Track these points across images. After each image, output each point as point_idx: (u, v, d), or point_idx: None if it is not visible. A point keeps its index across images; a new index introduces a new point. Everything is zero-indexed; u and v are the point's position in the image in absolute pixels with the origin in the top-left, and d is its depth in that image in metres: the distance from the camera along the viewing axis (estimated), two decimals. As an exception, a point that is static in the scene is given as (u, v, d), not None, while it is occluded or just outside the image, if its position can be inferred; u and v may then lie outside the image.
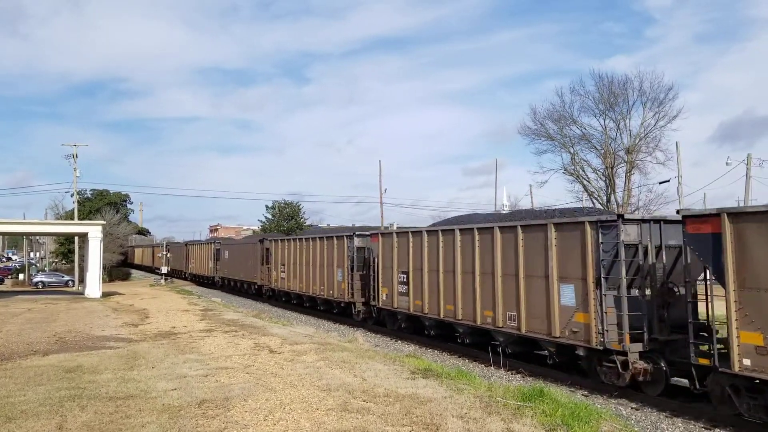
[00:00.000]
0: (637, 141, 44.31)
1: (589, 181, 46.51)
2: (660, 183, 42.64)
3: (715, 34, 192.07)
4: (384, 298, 22.17)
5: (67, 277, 55.01)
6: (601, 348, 13.04)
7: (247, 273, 41.12)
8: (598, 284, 13.10)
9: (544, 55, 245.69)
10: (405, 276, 20.73)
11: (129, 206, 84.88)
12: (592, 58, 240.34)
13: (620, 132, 45.21)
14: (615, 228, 13.00)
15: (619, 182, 45.03)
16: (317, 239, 29.51)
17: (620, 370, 12.75)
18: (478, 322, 16.82)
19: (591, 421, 9.00)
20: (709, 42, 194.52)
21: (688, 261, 11.81)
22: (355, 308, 25.15)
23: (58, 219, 61.51)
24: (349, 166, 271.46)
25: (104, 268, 46.71)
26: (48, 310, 28.21)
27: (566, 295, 13.99)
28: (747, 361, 10.15)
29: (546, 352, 14.97)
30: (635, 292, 13.00)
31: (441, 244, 18.65)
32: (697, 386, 11.45)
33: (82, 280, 46.23)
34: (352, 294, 25.33)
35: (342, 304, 26.52)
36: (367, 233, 25.26)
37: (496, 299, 16.16)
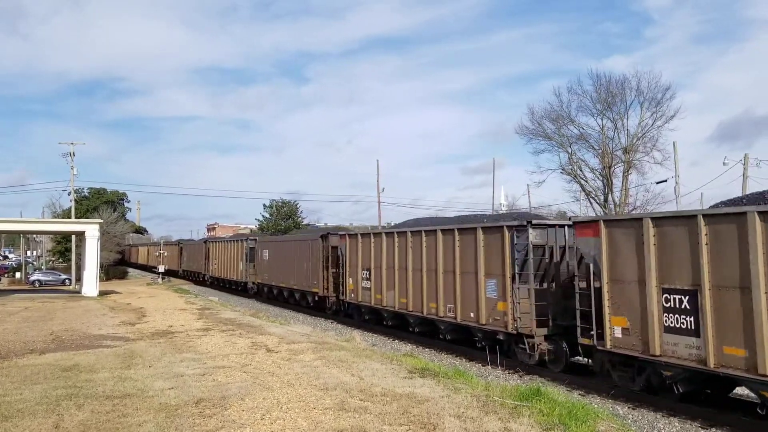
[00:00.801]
0: (634, 141, 44.38)
1: (586, 181, 46.59)
2: (657, 183, 42.75)
3: (713, 35, 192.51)
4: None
5: (63, 276, 54.95)
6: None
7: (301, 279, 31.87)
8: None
9: (543, 55, 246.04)
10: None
11: (126, 205, 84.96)
12: (590, 58, 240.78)
13: (618, 132, 45.29)
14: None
15: (617, 182, 45.11)
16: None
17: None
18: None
19: (588, 420, 9.00)
20: (707, 42, 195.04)
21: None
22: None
23: (56, 217, 61.46)
24: (347, 165, 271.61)
25: (101, 266, 46.64)
26: (45, 308, 28.16)
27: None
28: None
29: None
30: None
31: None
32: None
33: (79, 279, 46.17)
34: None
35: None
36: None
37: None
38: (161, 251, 63.39)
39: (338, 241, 26.17)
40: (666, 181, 41.14)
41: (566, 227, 15.42)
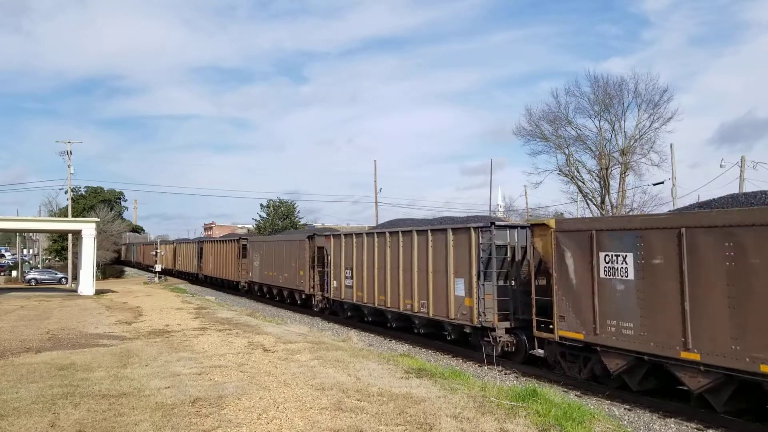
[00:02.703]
0: (631, 142, 44.49)
1: (583, 182, 46.70)
2: (654, 184, 42.95)
3: (710, 37, 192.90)
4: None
5: (60, 275, 54.79)
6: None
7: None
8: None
9: (541, 56, 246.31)
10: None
11: (123, 204, 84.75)
12: (588, 60, 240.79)
13: (615, 133, 45.42)
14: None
15: (614, 183, 45.22)
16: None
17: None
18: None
19: (584, 421, 9.03)
20: (704, 45, 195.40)
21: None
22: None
23: (52, 216, 61.32)
24: (346, 165, 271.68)
25: (98, 265, 46.56)
26: (41, 307, 28.10)
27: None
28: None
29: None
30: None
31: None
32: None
33: (75, 278, 46.08)
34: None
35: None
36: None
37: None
38: (158, 250, 63.22)
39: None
40: (663, 182, 41.34)
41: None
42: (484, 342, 16.52)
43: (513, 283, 16.33)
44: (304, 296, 29.97)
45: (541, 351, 15.30)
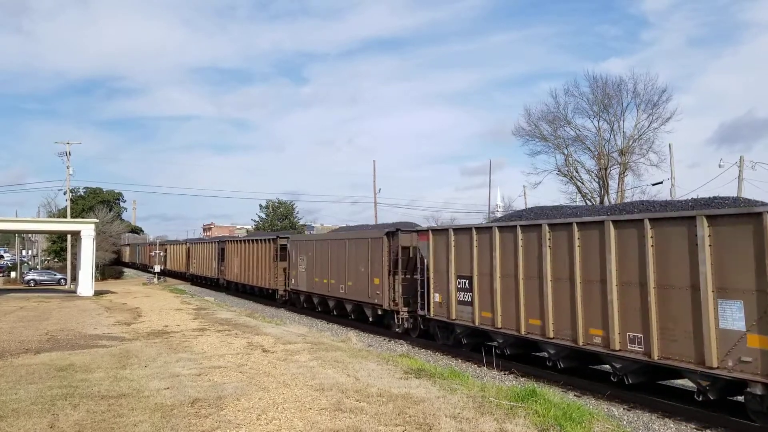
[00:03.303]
0: (630, 143, 44.58)
1: (582, 183, 46.79)
2: (653, 184, 42.98)
3: (709, 38, 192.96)
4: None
5: (59, 276, 54.77)
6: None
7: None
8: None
9: (540, 57, 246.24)
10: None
11: (122, 204, 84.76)
12: (587, 60, 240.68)
13: (614, 134, 45.52)
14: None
15: (613, 183, 45.31)
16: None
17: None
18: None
19: (583, 421, 9.04)
20: (704, 45, 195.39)
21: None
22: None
23: (51, 217, 61.29)
24: (346, 165, 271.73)
25: (97, 266, 46.54)
26: (40, 308, 28.09)
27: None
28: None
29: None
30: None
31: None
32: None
33: (74, 279, 46.05)
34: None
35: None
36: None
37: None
38: (156, 251, 63.21)
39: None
40: (662, 182, 41.45)
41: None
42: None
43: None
44: (380, 312, 22.94)
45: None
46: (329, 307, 27.78)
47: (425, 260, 19.54)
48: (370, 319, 23.84)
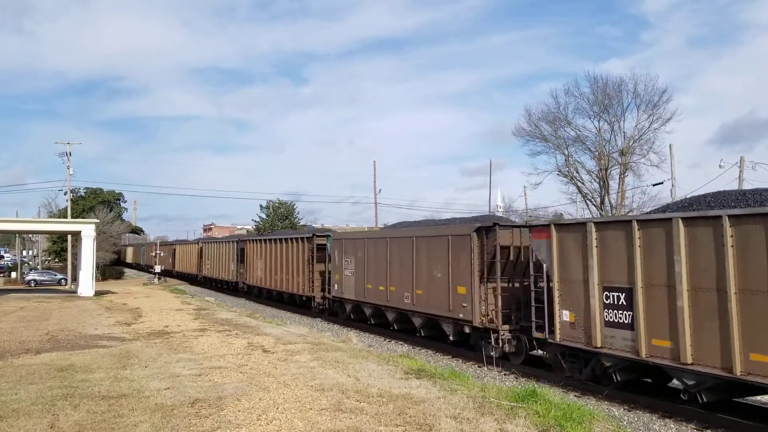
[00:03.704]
0: (631, 143, 44.56)
1: (583, 183, 46.77)
2: (654, 185, 43.05)
3: (710, 38, 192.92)
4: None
5: (59, 276, 54.80)
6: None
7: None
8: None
9: (540, 57, 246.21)
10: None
11: (123, 205, 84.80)
12: (587, 61, 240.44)
13: (614, 134, 45.51)
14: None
15: (613, 184, 45.28)
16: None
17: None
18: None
19: (584, 421, 9.03)
20: (704, 46, 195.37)
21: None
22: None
23: (52, 217, 61.36)
24: (346, 165, 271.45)
25: (97, 266, 46.55)
26: (40, 308, 28.10)
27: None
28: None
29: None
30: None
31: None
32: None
33: (74, 279, 46.08)
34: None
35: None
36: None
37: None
38: (157, 251, 63.20)
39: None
40: (662, 183, 41.50)
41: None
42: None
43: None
44: (467, 330, 17.72)
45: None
46: (387, 320, 22.39)
47: (544, 265, 14.74)
48: (451, 338, 18.51)
